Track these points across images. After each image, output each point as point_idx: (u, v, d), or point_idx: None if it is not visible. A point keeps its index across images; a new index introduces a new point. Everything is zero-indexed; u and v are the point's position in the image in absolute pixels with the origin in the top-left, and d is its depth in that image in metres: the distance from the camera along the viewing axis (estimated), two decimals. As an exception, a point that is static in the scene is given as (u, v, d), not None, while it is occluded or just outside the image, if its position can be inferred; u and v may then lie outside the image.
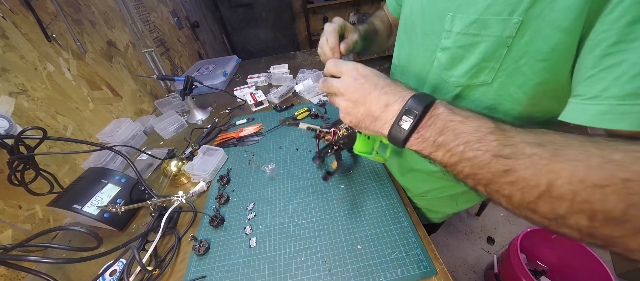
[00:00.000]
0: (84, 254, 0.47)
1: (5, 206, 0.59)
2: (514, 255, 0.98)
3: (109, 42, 1.04)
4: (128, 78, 1.08)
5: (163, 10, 1.51)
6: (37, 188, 0.60)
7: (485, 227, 1.45)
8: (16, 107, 0.66)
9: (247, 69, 1.41)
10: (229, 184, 0.68)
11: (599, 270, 0.91)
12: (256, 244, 0.53)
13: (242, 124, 0.91)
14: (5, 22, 0.67)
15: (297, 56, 1.48)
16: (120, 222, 0.61)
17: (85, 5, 0.96)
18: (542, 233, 1.06)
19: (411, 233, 0.50)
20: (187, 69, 1.55)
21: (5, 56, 0.66)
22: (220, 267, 0.50)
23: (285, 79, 1.12)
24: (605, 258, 1.22)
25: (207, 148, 0.76)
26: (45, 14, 0.79)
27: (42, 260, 0.42)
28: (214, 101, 1.12)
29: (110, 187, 0.63)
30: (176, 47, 1.57)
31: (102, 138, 0.84)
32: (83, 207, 0.57)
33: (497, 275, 1.10)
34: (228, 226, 0.58)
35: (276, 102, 1.02)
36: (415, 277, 0.44)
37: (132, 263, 0.50)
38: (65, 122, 0.78)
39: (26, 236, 0.62)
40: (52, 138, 0.59)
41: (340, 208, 0.57)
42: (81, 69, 0.87)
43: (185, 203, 0.61)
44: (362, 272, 0.46)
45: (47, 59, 0.76)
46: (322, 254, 0.49)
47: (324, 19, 3.05)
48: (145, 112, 1.13)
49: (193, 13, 1.94)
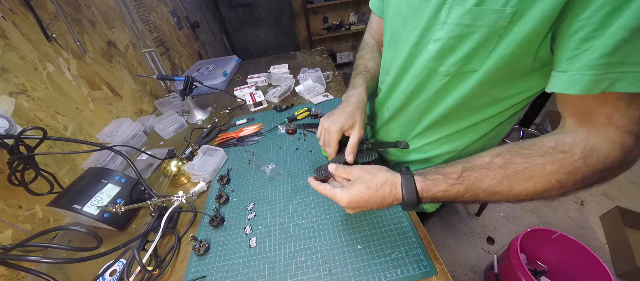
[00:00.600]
0: (84, 254, 0.47)
1: (5, 206, 0.59)
2: (514, 255, 0.98)
3: (109, 42, 1.04)
4: (128, 78, 1.08)
5: (163, 10, 1.51)
6: (37, 188, 0.60)
7: (485, 227, 1.45)
8: (16, 107, 0.66)
9: (247, 69, 1.41)
10: (229, 184, 0.68)
11: (599, 270, 0.91)
12: (256, 244, 0.53)
13: (242, 124, 0.91)
14: (5, 22, 0.67)
15: (297, 56, 1.48)
16: (120, 222, 0.61)
17: (85, 5, 0.96)
18: (542, 233, 1.06)
19: (411, 233, 0.50)
20: (187, 69, 1.55)
21: (5, 56, 0.66)
22: (220, 267, 0.50)
23: (285, 79, 1.12)
24: (605, 258, 1.22)
25: (207, 148, 0.76)
26: (45, 14, 0.79)
27: (42, 260, 0.42)
28: (214, 101, 1.12)
29: (110, 187, 0.63)
30: (176, 47, 1.57)
31: (102, 138, 0.84)
32: (83, 207, 0.57)
33: (497, 275, 1.10)
34: (228, 226, 0.58)
35: (276, 102, 1.02)
36: (415, 277, 0.44)
37: (132, 263, 0.50)
38: (65, 122, 0.78)
39: (26, 236, 0.61)
40: (52, 138, 0.59)
41: (340, 208, 0.57)
42: (81, 69, 0.87)
43: (185, 203, 0.61)
44: (362, 272, 0.46)
45: (47, 59, 0.76)
46: (322, 254, 0.49)
47: (324, 19, 3.05)
48: (145, 112, 1.13)
49: (193, 13, 1.94)
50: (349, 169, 0.42)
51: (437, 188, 0.36)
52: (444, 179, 0.36)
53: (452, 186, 0.35)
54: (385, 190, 0.37)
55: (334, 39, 3.15)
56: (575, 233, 1.34)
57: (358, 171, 0.40)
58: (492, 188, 0.34)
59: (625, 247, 1.15)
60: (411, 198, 0.36)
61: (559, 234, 1.04)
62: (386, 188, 0.38)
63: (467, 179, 0.35)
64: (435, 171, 0.38)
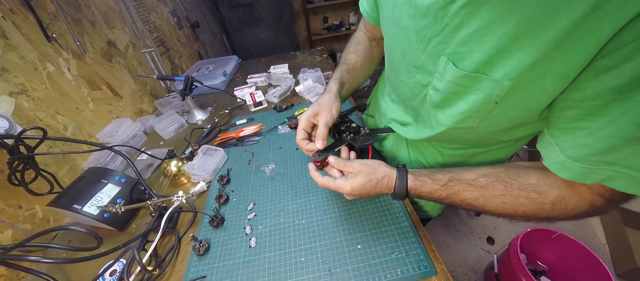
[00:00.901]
0: (84, 254, 0.47)
1: (5, 206, 0.59)
2: (514, 255, 0.98)
3: (109, 42, 1.04)
4: (128, 78, 1.08)
5: (163, 10, 1.51)
6: (37, 188, 0.60)
7: (485, 227, 1.45)
8: (16, 107, 0.66)
9: (247, 69, 1.41)
10: (229, 184, 0.68)
11: (599, 270, 0.91)
12: (256, 244, 0.53)
13: (242, 124, 0.91)
14: (5, 22, 0.67)
15: (297, 56, 1.48)
16: (120, 222, 0.61)
17: (85, 5, 0.96)
18: (542, 233, 1.07)
19: (411, 233, 0.50)
20: (187, 69, 1.55)
21: (5, 56, 0.66)
22: (220, 267, 0.50)
23: (285, 79, 1.12)
24: (605, 258, 1.22)
25: (207, 148, 0.76)
26: (45, 14, 0.79)
27: (42, 260, 0.42)
28: (214, 101, 1.12)
29: (110, 187, 0.63)
30: (176, 47, 1.57)
31: (102, 138, 0.84)
32: (83, 207, 0.57)
33: (497, 275, 1.10)
34: (228, 226, 0.58)
35: (276, 102, 1.02)
36: (415, 277, 0.44)
37: (132, 263, 0.50)
38: (65, 122, 0.78)
39: (26, 236, 0.61)
40: (52, 138, 0.59)
41: (340, 208, 0.57)
42: (81, 69, 0.87)
43: (185, 203, 0.61)
44: (362, 272, 0.46)
45: (47, 59, 0.76)
46: (322, 254, 0.49)
47: (323, 19, 3.05)
48: (145, 112, 1.13)
49: (193, 13, 1.94)
50: (350, 163, 0.44)
51: (423, 188, 0.41)
52: (432, 183, 0.41)
53: (436, 190, 0.40)
54: (383, 183, 0.42)
55: (334, 39, 3.15)
56: (575, 233, 1.34)
57: (360, 165, 0.43)
58: (469, 200, 0.39)
59: (625, 247, 1.15)
60: (401, 192, 0.41)
61: (558, 234, 1.04)
62: (384, 181, 0.42)
63: (450, 188, 0.40)
64: (427, 174, 0.42)
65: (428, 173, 0.42)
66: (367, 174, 0.42)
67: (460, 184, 0.39)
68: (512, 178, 0.37)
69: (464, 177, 0.39)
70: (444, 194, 0.40)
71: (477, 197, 0.38)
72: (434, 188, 0.40)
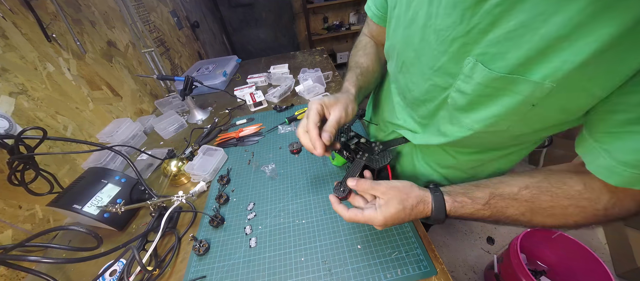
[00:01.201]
0: (84, 254, 0.47)
1: (5, 206, 0.59)
2: (514, 254, 0.98)
3: (109, 42, 1.04)
4: (128, 78, 1.08)
5: (163, 10, 1.51)
6: (37, 188, 0.60)
7: (485, 227, 1.45)
8: (16, 107, 0.66)
9: (247, 69, 1.41)
10: (229, 184, 0.68)
11: (599, 270, 0.91)
12: (256, 244, 0.53)
13: (242, 124, 0.91)
14: (5, 22, 0.67)
15: (297, 56, 1.48)
16: (120, 222, 0.61)
17: (85, 5, 0.96)
18: (542, 233, 1.06)
19: (411, 233, 0.50)
20: (187, 69, 1.55)
21: (5, 56, 0.66)
22: (220, 267, 0.50)
23: (285, 79, 1.12)
24: (605, 258, 1.22)
25: (207, 148, 0.76)
26: (45, 14, 0.79)
27: (42, 260, 0.42)
28: (214, 101, 1.12)
29: (110, 187, 0.63)
30: (176, 47, 1.57)
31: (102, 138, 0.84)
32: (83, 207, 0.57)
33: (497, 275, 1.10)
34: (228, 226, 0.58)
35: (276, 102, 1.02)
36: (415, 277, 0.44)
37: (132, 263, 0.50)
38: (65, 122, 0.78)
39: (26, 236, 0.61)
40: (52, 138, 0.59)
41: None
42: (81, 69, 0.87)
43: (185, 203, 0.61)
44: (362, 272, 0.46)
45: (47, 59, 0.76)
46: (322, 254, 0.49)
47: (323, 19, 3.05)
48: (145, 112, 1.13)
49: (193, 13, 1.94)
50: (376, 186, 0.39)
51: (464, 210, 0.37)
52: (472, 203, 0.37)
53: (478, 210, 0.37)
54: (418, 209, 0.38)
55: (334, 39, 3.15)
56: (575, 233, 1.34)
57: (387, 188, 0.38)
58: (515, 216, 0.36)
59: (625, 247, 1.15)
60: (440, 217, 0.38)
61: (559, 234, 1.04)
62: (419, 207, 0.38)
63: (493, 206, 0.36)
64: (464, 193, 0.38)
65: (464, 191, 0.38)
66: (400, 201, 0.37)
67: (503, 200, 0.36)
68: (556, 187, 0.34)
69: (505, 192, 0.36)
70: (488, 213, 0.37)
71: (523, 212, 0.35)
72: (476, 208, 0.37)
